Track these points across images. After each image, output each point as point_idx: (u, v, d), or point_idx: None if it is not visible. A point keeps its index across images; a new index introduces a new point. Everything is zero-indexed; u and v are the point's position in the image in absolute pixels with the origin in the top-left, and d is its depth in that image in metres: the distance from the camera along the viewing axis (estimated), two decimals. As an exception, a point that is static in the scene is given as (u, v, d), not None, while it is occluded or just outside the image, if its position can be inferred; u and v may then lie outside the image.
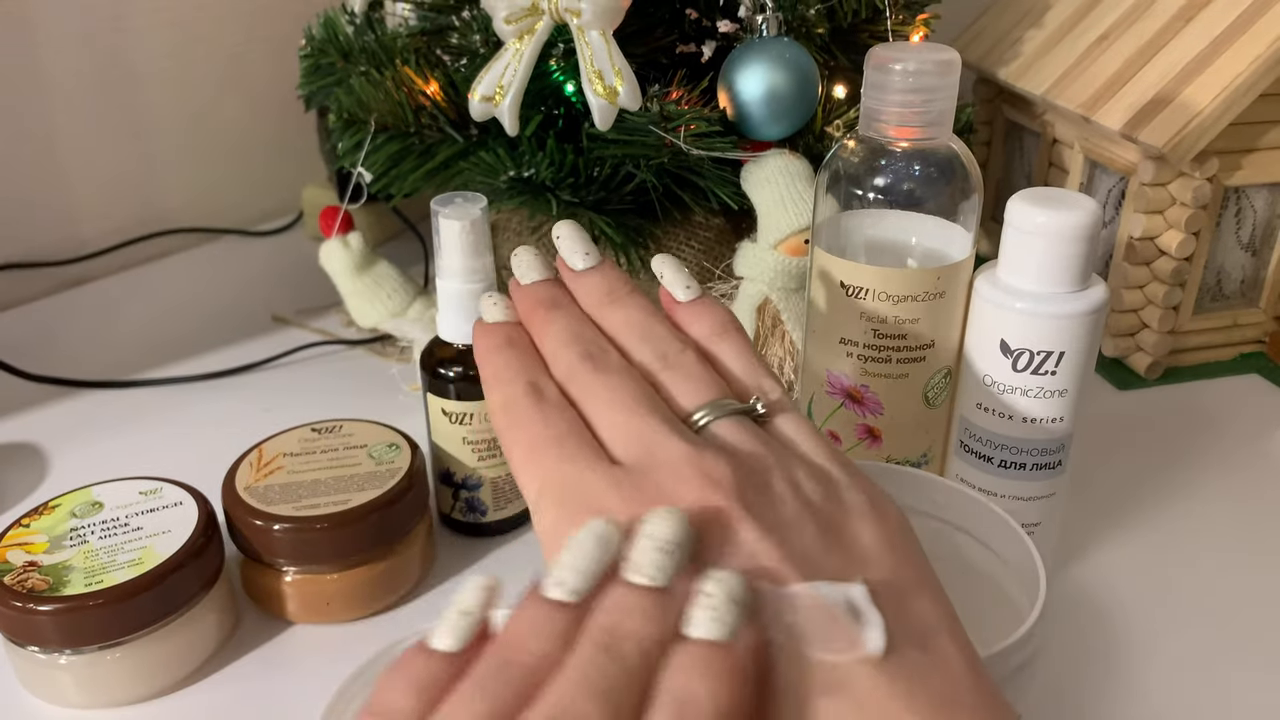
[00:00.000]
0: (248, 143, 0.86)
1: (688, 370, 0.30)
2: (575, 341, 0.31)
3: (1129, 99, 0.58)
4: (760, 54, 0.50)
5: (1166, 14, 0.60)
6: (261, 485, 0.44)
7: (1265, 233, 0.62)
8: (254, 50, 0.84)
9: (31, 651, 0.39)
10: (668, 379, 0.30)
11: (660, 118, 0.50)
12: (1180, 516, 0.51)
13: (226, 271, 0.80)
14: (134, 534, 0.41)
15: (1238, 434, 0.58)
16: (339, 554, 0.43)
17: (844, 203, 0.42)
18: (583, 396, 0.29)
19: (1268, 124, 0.58)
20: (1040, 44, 0.68)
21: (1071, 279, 0.39)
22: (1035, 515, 0.43)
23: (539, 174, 0.52)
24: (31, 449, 0.57)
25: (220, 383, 0.63)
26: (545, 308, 0.32)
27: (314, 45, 0.62)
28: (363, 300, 0.59)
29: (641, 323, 0.32)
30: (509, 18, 0.50)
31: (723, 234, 0.58)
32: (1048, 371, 0.40)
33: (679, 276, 0.33)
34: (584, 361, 0.30)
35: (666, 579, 0.23)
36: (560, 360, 0.30)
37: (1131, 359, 0.63)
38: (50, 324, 0.72)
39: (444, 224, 0.44)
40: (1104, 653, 0.43)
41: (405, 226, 0.82)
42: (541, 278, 0.33)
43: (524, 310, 0.33)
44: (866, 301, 0.42)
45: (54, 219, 0.77)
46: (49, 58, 0.73)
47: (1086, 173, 0.65)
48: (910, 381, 0.43)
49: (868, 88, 0.41)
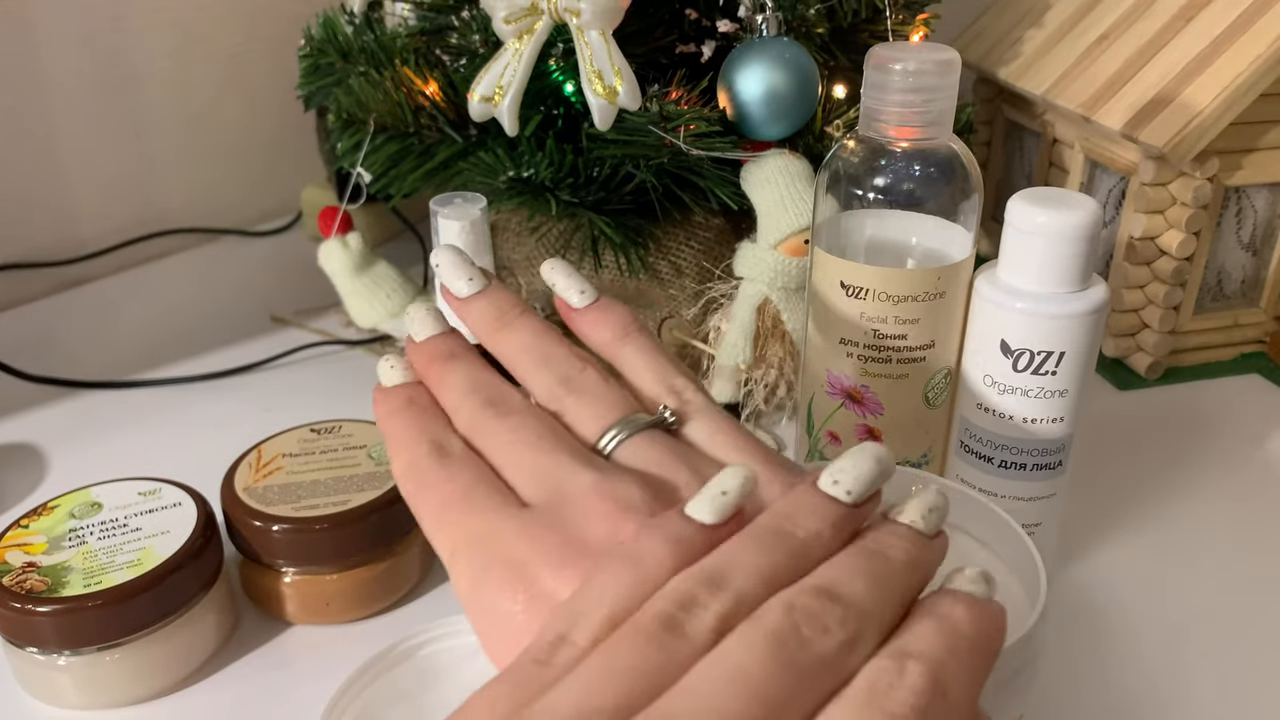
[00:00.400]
0: (247, 143, 0.86)
1: (591, 391, 0.29)
2: (474, 391, 0.29)
3: (1129, 99, 0.58)
4: (760, 54, 0.50)
5: (1167, 14, 0.60)
6: (261, 486, 0.44)
7: (1266, 232, 0.62)
8: (254, 50, 0.84)
9: (30, 652, 0.39)
10: (571, 405, 0.29)
11: (660, 118, 0.50)
12: (1181, 516, 0.51)
13: (226, 272, 0.80)
14: (133, 535, 0.41)
15: (1238, 434, 0.58)
16: (338, 554, 0.43)
17: (844, 203, 0.42)
18: (487, 445, 0.28)
19: (1268, 124, 0.58)
20: (1040, 44, 0.68)
21: (1072, 279, 0.39)
22: (1036, 515, 0.43)
23: (538, 174, 0.52)
24: (30, 449, 0.57)
25: (219, 383, 0.63)
26: (441, 360, 0.31)
27: (313, 45, 0.62)
28: (362, 300, 0.59)
29: (536, 346, 0.30)
30: (508, 17, 0.50)
31: (723, 234, 0.58)
32: (1048, 372, 0.40)
33: (572, 282, 0.32)
34: (485, 409, 0.29)
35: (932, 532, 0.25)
36: (462, 412, 0.29)
37: (1132, 359, 0.63)
38: (49, 324, 0.72)
39: (443, 224, 0.44)
40: (1104, 653, 0.43)
41: (404, 227, 0.82)
42: (436, 332, 0.32)
43: (420, 367, 0.31)
44: (866, 301, 0.42)
45: (53, 219, 0.77)
46: (49, 58, 0.73)
47: (1087, 173, 0.65)
48: (910, 382, 0.43)
49: (868, 87, 0.41)
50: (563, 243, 0.57)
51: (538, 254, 0.59)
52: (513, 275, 0.60)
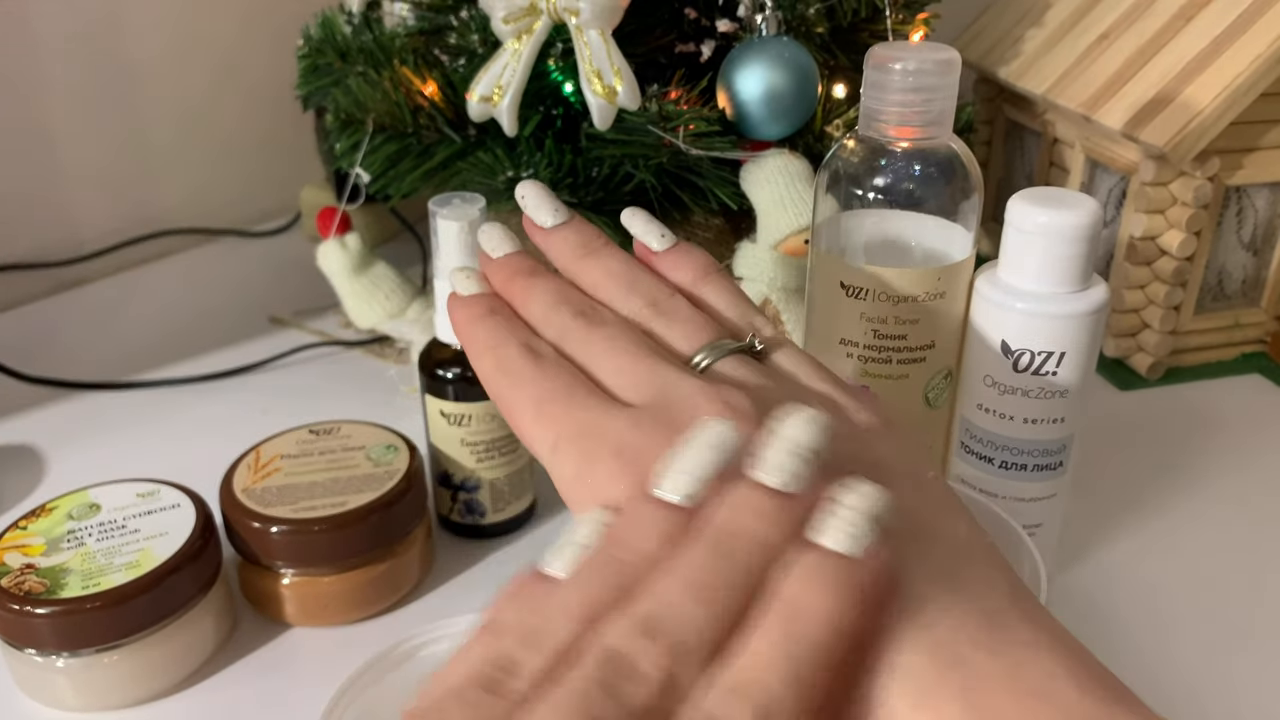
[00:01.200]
0: (245, 143, 0.86)
1: (680, 314, 0.30)
2: (563, 303, 0.30)
3: (1130, 98, 0.58)
4: (759, 53, 0.50)
5: (1167, 13, 0.60)
6: (259, 487, 0.44)
7: (1266, 232, 0.62)
8: (252, 50, 0.83)
9: (28, 654, 0.39)
10: (661, 326, 0.29)
11: (659, 117, 0.50)
12: (1181, 517, 0.51)
13: (224, 272, 0.80)
14: (131, 536, 0.41)
15: (1239, 434, 0.58)
16: (337, 556, 0.43)
17: (844, 203, 0.42)
18: (581, 352, 0.28)
19: (1269, 123, 0.58)
20: (1041, 43, 0.68)
21: (1072, 279, 0.39)
22: (1036, 516, 0.43)
23: (537, 174, 0.52)
24: (29, 451, 0.57)
25: (218, 384, 0.63)
26: (525, 275, 0.31)
27: (311, 45, 0.62)
28: (360, 301, 0.59)
29: (624, 273, 0.31)
30: (507, 17, 0.50)
31: (722, 234, 0.58)
32: (1049, 372, 0.40)
33: (652, 227, 0.32)
34: (576, 319, 0.29)
35: (799, 485, 0.22)
36: (551, 322, 0.29)
37: (1133, 359, 0.63)
38: (47, 325, 0.72)
39: (442, 225, 0.44)
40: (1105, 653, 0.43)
41: (403, 227, 0.82)
42: (514, 250, 0.32)
43: (501, 282, 0.31)
44: (866, 302, 0.42)
45: (51, 220, 0.76)
46: (47, 58, 0.73)
47: (1087, 172, 0.65)
48: (911, 382, 0.43)
49: (867, 87, 0.40)
50: (562, 243, 0.57)
51: (537, 254, 0.59)
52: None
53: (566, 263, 0.32)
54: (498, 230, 0.33)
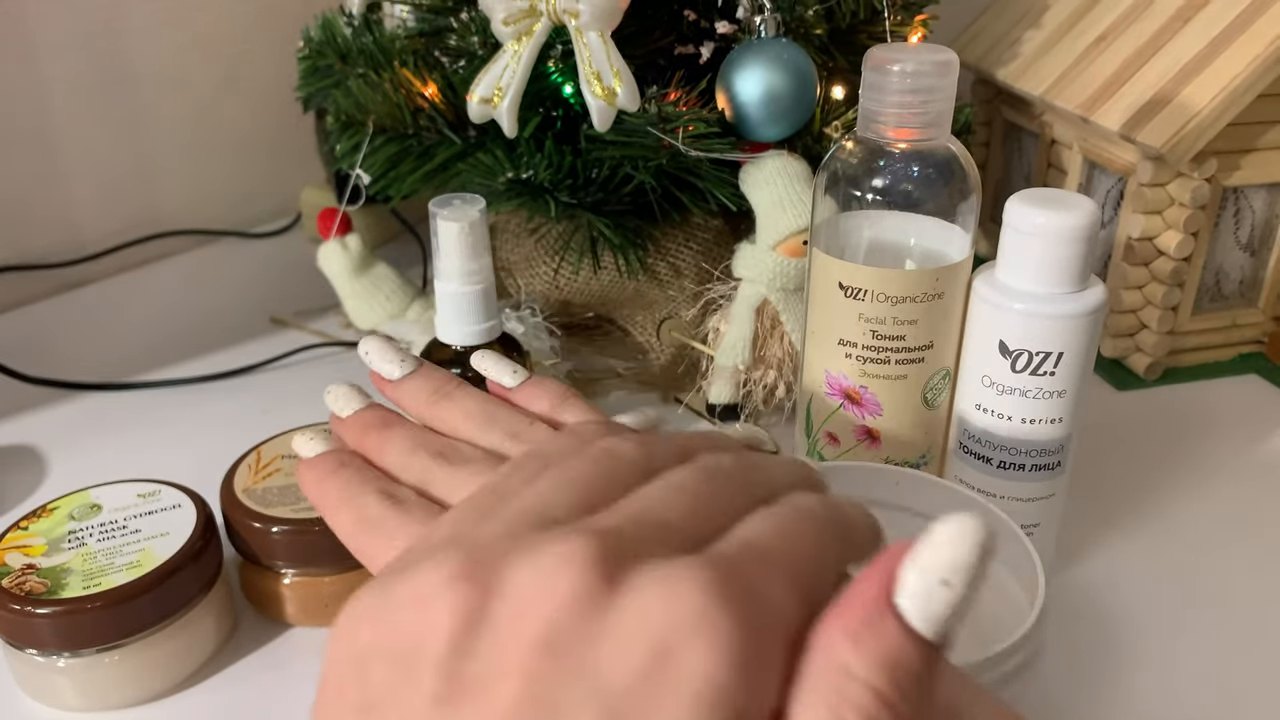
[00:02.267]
0: (246, 144, 0.86)
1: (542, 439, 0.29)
2: (420, 446, 0.28)
3: (1127, 99, 0.58)
4: (758, 55, 0.50)
5: (1165, 14, 0.60)
6: (260, 487, 0.44)
7: (1264, 233, 0.62)
8: (253, 52, 0.84)
9: (29, 654, 0.39)
10: None
11: (659, 119, 0.50)
12: (1179, 517, 0.51)
13: (225, 273, 0.80)
14: (132, 536, 0.41)
15: (1237, 435, 0.58)
16: (337, 556, 0.43)
17: (843, 204, 0.42)
18: (447, 493, 0.27)
19: (1266, 124, 0.58)
20: (1039, 44, 0.68)
21: (1070, 280, 0.39)
22: (1034, 516, 0.43)
23: (537, 175, 0.52)
24: (30, 451, 0.57)
25: (219, 385, 0.63)
26: (377, 429, 0.29)
27: (312, 47, 0.62)
28: (361, 302, 0.59)
29: (480, 411, 0.29)
30: (507, 19, 0.50)
31: (721, 235, 0.58)
32: (1046, 372, 0.40)
33: (504, 365, 0.32)
34: (437, 460, 0.27)
35: None
36: (410, 468, 0.28)
37: (1130, 359, 0.63)
38: (49, 326, 0.72)
39: (442, 226, 0.44)
40: (1104, 653, 0.43)
41: (404, 228, 0.82)
42: (362, 406, 0.31)
43: (354, 439, 0.30)
44: (865, 302, 0.42)
45: (53, 221, 0.77)
46: (48, 59, 0.73)
47: (1085, 173, 0.65)
48: (909, 382, 0.43)
49: (866, 89, 0.41)
50: (561, 244, 0.57)
51: (537, 255, 0.59)
52: (511, 276, 0.60)
53: (420, 410, 0.30)
54: (343, 390, 0.31)
